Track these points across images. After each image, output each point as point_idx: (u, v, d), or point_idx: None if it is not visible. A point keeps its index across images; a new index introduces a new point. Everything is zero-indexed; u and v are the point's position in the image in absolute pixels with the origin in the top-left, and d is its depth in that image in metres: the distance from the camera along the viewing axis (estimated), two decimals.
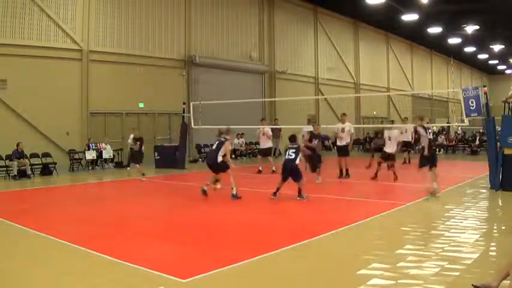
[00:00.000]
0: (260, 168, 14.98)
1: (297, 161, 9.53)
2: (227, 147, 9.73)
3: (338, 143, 13.22)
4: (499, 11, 24.78)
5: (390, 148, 12.41)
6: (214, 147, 9.87)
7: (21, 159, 14.25)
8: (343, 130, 13.07)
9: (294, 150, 9.56)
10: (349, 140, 13.17)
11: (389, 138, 12.53)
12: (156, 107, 19.58)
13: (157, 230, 7.06)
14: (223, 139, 9.79)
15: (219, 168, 9.76)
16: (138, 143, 13.34)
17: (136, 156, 13.48)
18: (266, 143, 15.36)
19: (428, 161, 9.85)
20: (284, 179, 9.55)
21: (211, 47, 22.14)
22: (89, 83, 17.42)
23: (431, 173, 9.82)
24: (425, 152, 9.85)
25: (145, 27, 19.39)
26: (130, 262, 5.14)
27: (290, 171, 9.47)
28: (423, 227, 6.91)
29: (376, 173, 12.52)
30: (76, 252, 5.70)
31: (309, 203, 9.14)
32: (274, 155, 17.03)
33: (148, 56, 19.40)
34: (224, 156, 9.68)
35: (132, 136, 13.73)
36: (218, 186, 10.37)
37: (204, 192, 9.68)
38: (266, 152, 15.52)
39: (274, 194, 9.50)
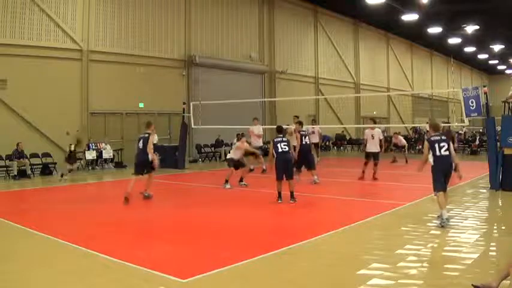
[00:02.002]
0: (251, 167, 15.08)
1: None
2: (150, 142, 9.55)
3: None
4: (499, 11, 24.77)
5: (373, 147, 12.42)
6: (140, 146, 9.67)
7: (21, 159, 14.23)
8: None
9: (285, 143, 9.26)
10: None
11: (373, 137, 12.49)
12: (156, 107, 19.57)
13: (157, 230, 7.06)
14: (146, 134, 9.64)
15: (147, 167, 9.62)
16: None
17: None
18: (256, 142, 15.36)
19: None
20: (280, 177, 9.19)
21: (211, 47, 22.14)
22: (89, 83, 17.42)
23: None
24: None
25: (145, 27, 19.39)
26: (130, 262, 5.14)
27: (286, 166, 9.21)
28: (423, 227, 6.91)
29: (363, 172, 12.64)
30: (76, 252, 5.70)
31: (309, 203, 9.13)
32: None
33: (148, 56, 19.39)
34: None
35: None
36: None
37: (127, 200, 9.16)
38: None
39: (279, 198, 9.15)
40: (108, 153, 17.11)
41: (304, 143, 12.11)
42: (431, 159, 7.38)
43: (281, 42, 26.21)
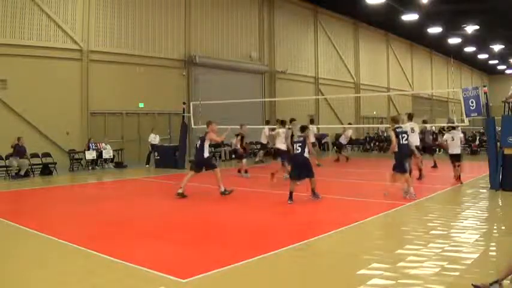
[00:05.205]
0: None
1: (306, 154, 9.06)
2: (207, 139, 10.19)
3: None
4: (499, 11, 24.76)
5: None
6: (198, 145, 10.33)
7: (23, 158, 14.14)
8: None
9: (300, 144, 9.12)
10: None
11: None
12: (156, 107, 19.58)
13: (157, 230, 7.05)
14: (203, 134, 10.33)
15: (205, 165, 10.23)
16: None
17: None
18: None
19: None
20: (295, 178, 9.14)
21: (211, 47, 22.14)
22: (89, 83, 17.43)
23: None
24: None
25: (145, 27, 19.39)
26: (130, 262, 5.14)
27: (300, 167, 9.06)
28: (423, 227, 6.91)
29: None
30: (76, 252, 5.69)
31: (308, 203, 9.12)
32: None
33: (149, 56, 19.40)
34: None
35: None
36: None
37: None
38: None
39: (290, 198, 8.99)
40: (108, 153, 17.10)
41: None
42: (396, 147, 9.52)
43: (281, 42, 26.22)
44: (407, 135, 9.79)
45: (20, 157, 14.11)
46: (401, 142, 9.49)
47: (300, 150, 9.10)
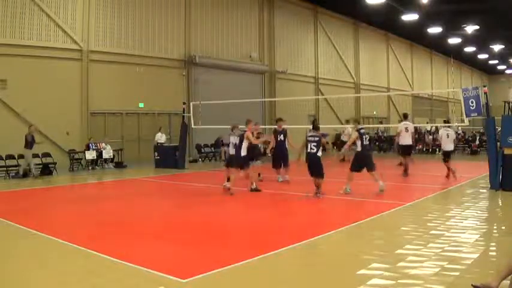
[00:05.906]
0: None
1: (319, 153, 9.32)
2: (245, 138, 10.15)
3: None
4: (499, 11, 24.76)
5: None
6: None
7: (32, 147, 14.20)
8: None
9: (315, 144, 9.31)
10: None
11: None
12: (156, 107, 19.58)
13: (157, 230, 7.05)
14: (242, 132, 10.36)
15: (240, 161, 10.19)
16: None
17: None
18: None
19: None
20: (310, 174, 9.49)
21: (211, 47, 22.15)
22: (89, 83, 17.44)
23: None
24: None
25: (145, 27, 19.40)
26: (130, 262, 5.14)
27: (310, 166, 9.34)
28: (423, 227, 6.90)
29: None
30: (76, 252, 5.69)
31: (309, 203, 9.13)
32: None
33: (149, 56, 19.41)
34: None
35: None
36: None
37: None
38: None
39: (318, 193, 9.41)
40: (108, 153, 17.11)
41: (279, 140, 12.39)
42: (359, 147, 9.94)
43: (281, 42, 26.23)
44: (369, 136, 10.51)
45: (31, 147, 14.19)
46: (364, 142, 10.00)
47: (314, 150, 9.30)
